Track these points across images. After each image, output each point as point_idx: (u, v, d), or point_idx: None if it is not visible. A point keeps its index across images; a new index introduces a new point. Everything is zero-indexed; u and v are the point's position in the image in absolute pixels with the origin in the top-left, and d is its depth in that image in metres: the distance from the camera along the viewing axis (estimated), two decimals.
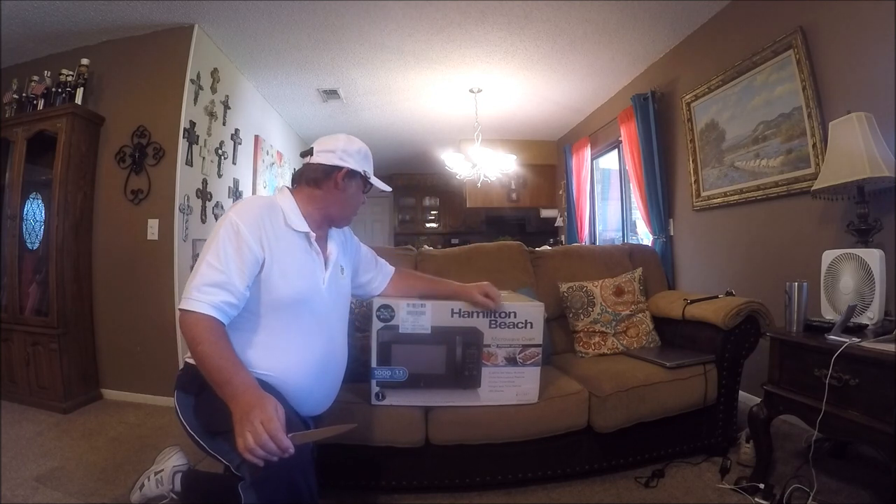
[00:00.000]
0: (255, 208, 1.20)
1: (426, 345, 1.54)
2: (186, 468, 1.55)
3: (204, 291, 1.07)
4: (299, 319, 1.22)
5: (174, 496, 1.51)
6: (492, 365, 1.59)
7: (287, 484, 0.98)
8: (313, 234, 1.27)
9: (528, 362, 1.61)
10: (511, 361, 1.59)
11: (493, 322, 1.56)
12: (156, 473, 1.54)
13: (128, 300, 2.81)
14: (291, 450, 0.90)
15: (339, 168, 1.30)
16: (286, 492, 0.98)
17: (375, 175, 1.38)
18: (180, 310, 1.07)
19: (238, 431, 0.90)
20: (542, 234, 6.29)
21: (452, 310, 1.54)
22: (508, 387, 1.62)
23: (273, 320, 1.19)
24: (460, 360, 1.57)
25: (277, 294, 1.17)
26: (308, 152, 1.34)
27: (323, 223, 1.34)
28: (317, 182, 1.32)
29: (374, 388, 1.57)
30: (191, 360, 1.18)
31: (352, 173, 1.32)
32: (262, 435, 0.88)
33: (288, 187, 1.35)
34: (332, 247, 1.36)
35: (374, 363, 1.55)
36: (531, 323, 1.58)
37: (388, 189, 1.49)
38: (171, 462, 1.55)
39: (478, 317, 1.55)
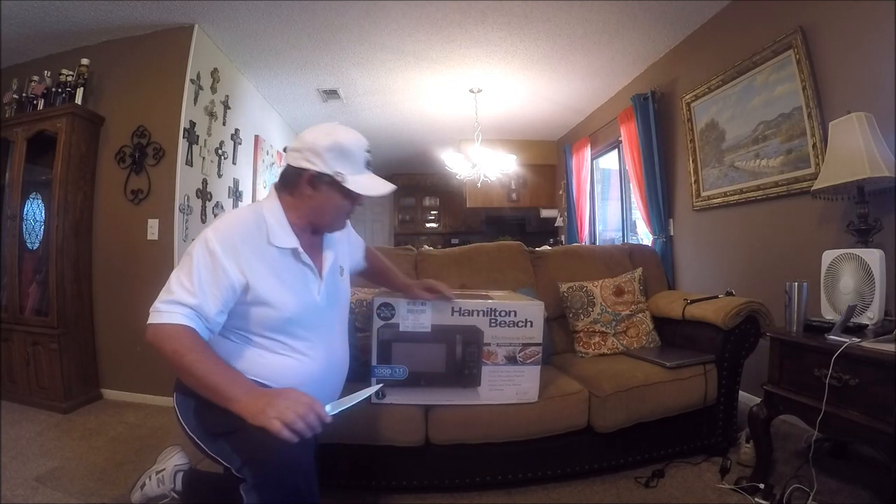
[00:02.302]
0: (232, 232, 1.10)
1: (426, 343, 1.54)
2: (188, 468, 1.55)
3: (176, 309, 1.02)
4: (294, 338, 1.16)
5: (175, 496, 1.51)
6: (492, 363, 1.59)
7: (289, 486, 0.98)
8: (300, 249, 1.17)
9: (528, 361, 1.61)
10: (511, 360, 1.60)
11: (493, 321, 1.56)
12: (157, 473, 1.54)
13: (128, 300, 2.80)
14: (328, 418, 0.95)
15: (305, 171, 1.14)
16: (288, 494, 0.98)
17: (378, 173, 1.21)
18: (150, 325, 1.01)
19: (262, 421, 0.91)
20: (542, 234, 6.29)
21: (453, 308, 1.54)
22: (508, 385, 1.62)
23: (267, 341, 1.14)
24: (460, 358, 1.57)
25: (267, 317, 1.12)
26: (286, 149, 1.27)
27: (312, 230, 1.22)
28: (287, 187, 1.19)
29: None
30: None
31: (321, 176, 1.13)
32: (292, 412, 0.91)
33: (276, 185, 1.23)
34: (329, 251, 1.27)
35: (374, 361, 1.55)
36: (531, 322, 1.58)
37: (380, 192, 1.19)
38: (173, 461, 1.55)
39: (478, 315, 1.55)
